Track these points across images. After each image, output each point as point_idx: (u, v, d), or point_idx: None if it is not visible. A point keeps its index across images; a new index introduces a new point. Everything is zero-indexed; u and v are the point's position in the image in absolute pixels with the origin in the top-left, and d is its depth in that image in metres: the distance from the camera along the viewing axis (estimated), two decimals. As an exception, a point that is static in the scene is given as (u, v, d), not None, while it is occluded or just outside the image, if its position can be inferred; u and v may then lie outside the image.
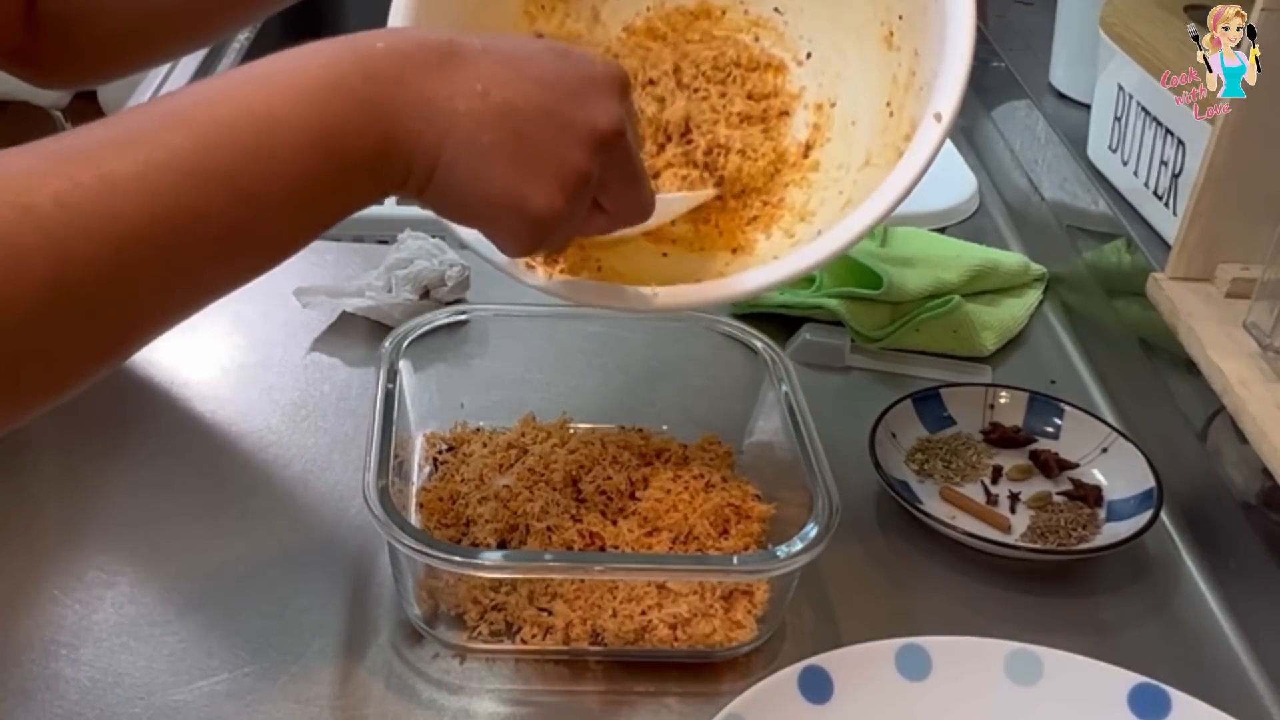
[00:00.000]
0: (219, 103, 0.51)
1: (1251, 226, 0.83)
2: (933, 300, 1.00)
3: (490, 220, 0.59)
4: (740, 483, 0.79)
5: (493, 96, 0.55)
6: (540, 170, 0.57)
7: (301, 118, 0.51)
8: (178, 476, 0.83)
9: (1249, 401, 0.75)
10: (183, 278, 0.51)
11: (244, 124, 0.50)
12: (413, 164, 0.55)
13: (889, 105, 0.74)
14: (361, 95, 0.52)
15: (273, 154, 0.50)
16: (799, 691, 0.64)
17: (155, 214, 0.47)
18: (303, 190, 0.52)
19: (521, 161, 0.56)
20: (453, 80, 0.55)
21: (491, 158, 0.56)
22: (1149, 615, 0.79)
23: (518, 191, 0.56)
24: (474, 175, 0.56)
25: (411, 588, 0.72)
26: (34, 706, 0.67)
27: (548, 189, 0.57)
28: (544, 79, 0.57)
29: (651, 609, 0.70)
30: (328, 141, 0.52)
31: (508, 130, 0.55)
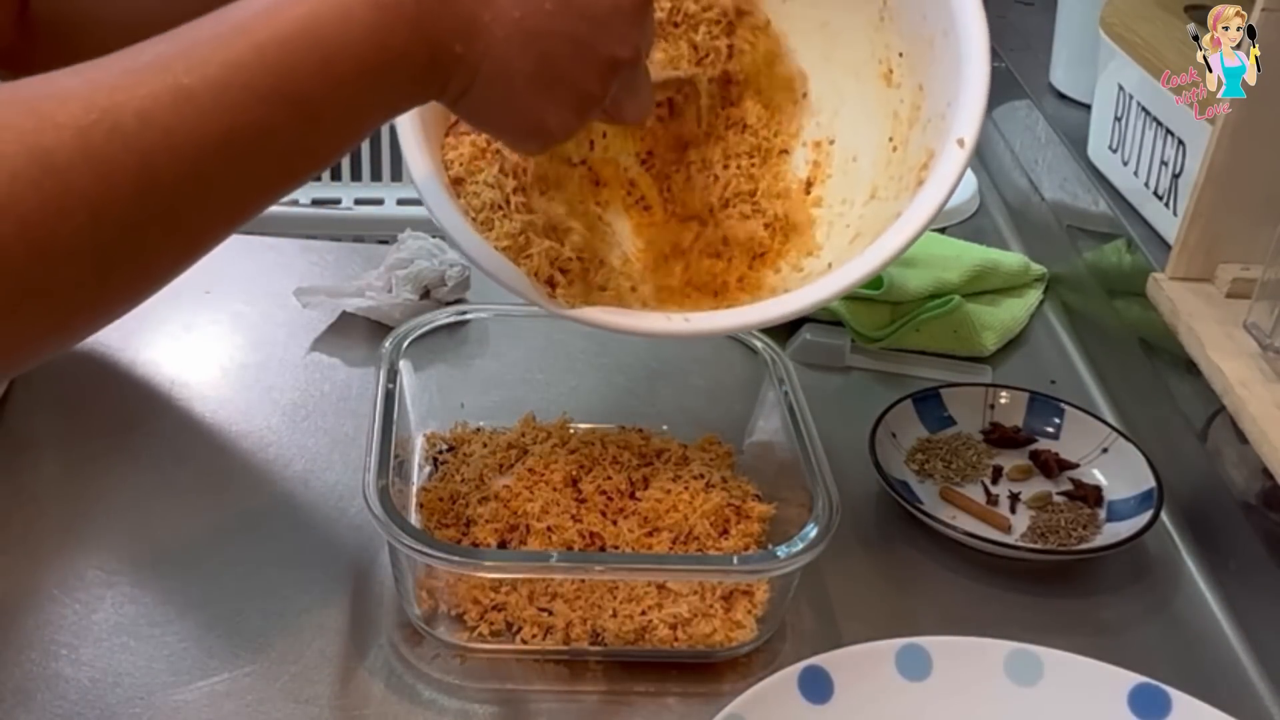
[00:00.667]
0: (281, 18, 0.53)
1: (1252, 226, 0.83)
2: (933, 300, 1.00)
3: (508, 134, 0.64)
4: (740, 483, 0.80)
5: (526, 23, 0.58)
6: (561, 95, 0.61)
7: (358, 41, 0.53)
8: (178, 476, 0.83)
9: (1249, 401, 0.75)
10: (252, 186, 0.54)
11: (306, 45, 0.52)
12: (449, 81, 0.58)
13: (891, 140, 0.76)
14: (411, 16, 0.55)
15: (334, 77, 0.53)
16: (799, 691, 0.64)
17: (230, 130, 0.50)
18: (358, 106, 0.55)
19: (545, 86, 0.60)
20: (495, 2, 0.57)
21: (520, 82, 0.59)
22: (1149, 615, 0.79)
23: (538, 113, 0.61)
24: (502, 96, 0.59)
25: (411, 588, 0.72)
26: (34, 706, 0.66)
27: (564, 113, 0.62)
28: (574, 3, 0.59)
29: (652, 609, 0.70)
30: (382, 63, 0.54)
31: (536, 54, 0.59)
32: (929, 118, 0.72)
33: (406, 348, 0.82)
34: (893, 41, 0.75)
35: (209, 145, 0.50)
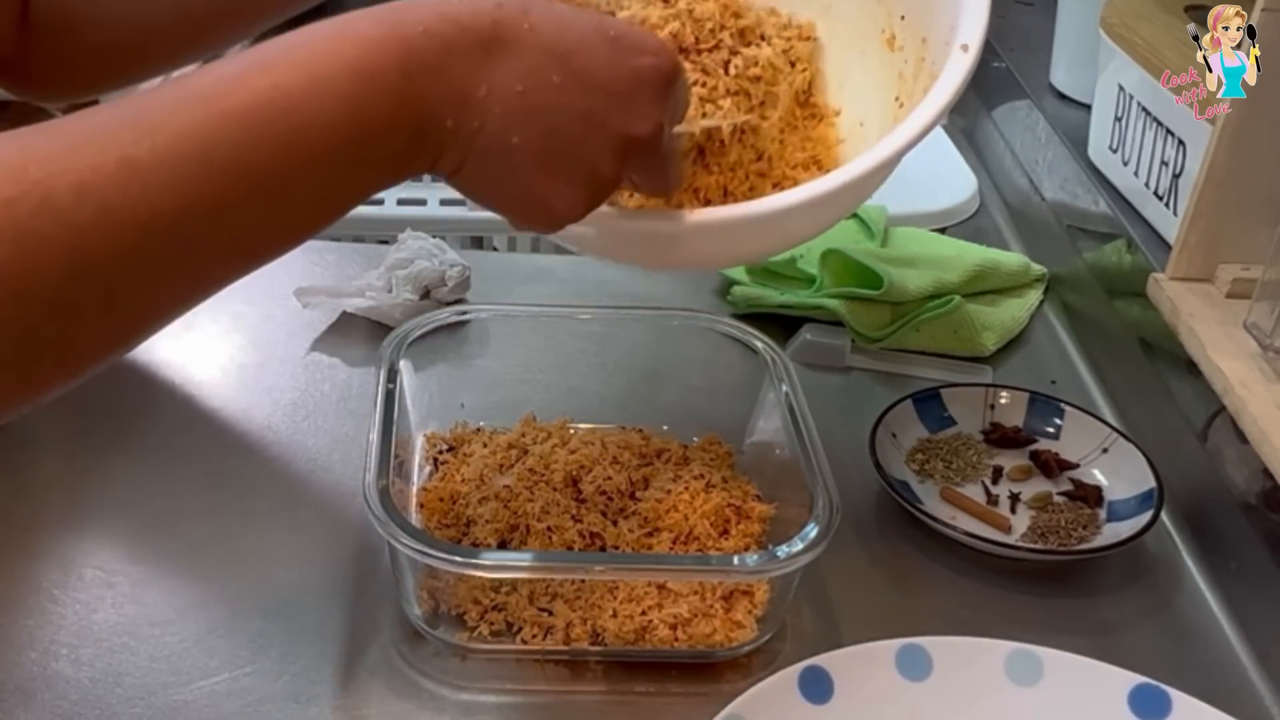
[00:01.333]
0: (246, 88, 0.48)
1: (1252, 227, 0.83)
2: (933, 300, 1.00)
3: (509, 213, 0.59)
4: (740, 483, 0.80)
5: (530, 96, 0.54)
6: (567, 175, 0.56)
7: (334, 111, 0.49)
8: (178, 476, 0.83)
9: (1249, 402, 0.75)
10: (204, 268, 0.50)
11: (272, 115, 0.48)
12: (440, 156, 0.54)
13: (898, 99, 0.75)
14: (396, 89, 0.51)
15: (303, 151, 0.49)
16: (799, 691, 0.64)
17: (179, 206, 0.46)
18: (332, 183, 0.51)
19: (549, 165, 0.56)
20: (492, 74, 0.53)
21: (519, 159, 0.55)
22: (1149, 615, 0.79)
23: (541, 194, 0.56)
24: (500, 173, 0.55)
25: (411, 588, 0.72)
26: (34, 706, 0.67)
27: (571, 195, 0.57)
28: (587, 75, 0.55)
29: (652, 609, 0.70)
30: (360, 136, 0.51)
31: (540, 130, 0.55)
32: (933, 60, 0.72)
33: (406, 348, 0.82)
34: (894, 7, 0.75)
35: (155, 223, 0.45)
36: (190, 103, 0.47)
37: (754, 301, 1.01)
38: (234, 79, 0.48)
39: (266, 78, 0.49)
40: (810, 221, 0.71)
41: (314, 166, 0.50)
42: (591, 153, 0.56)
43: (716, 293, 1.05)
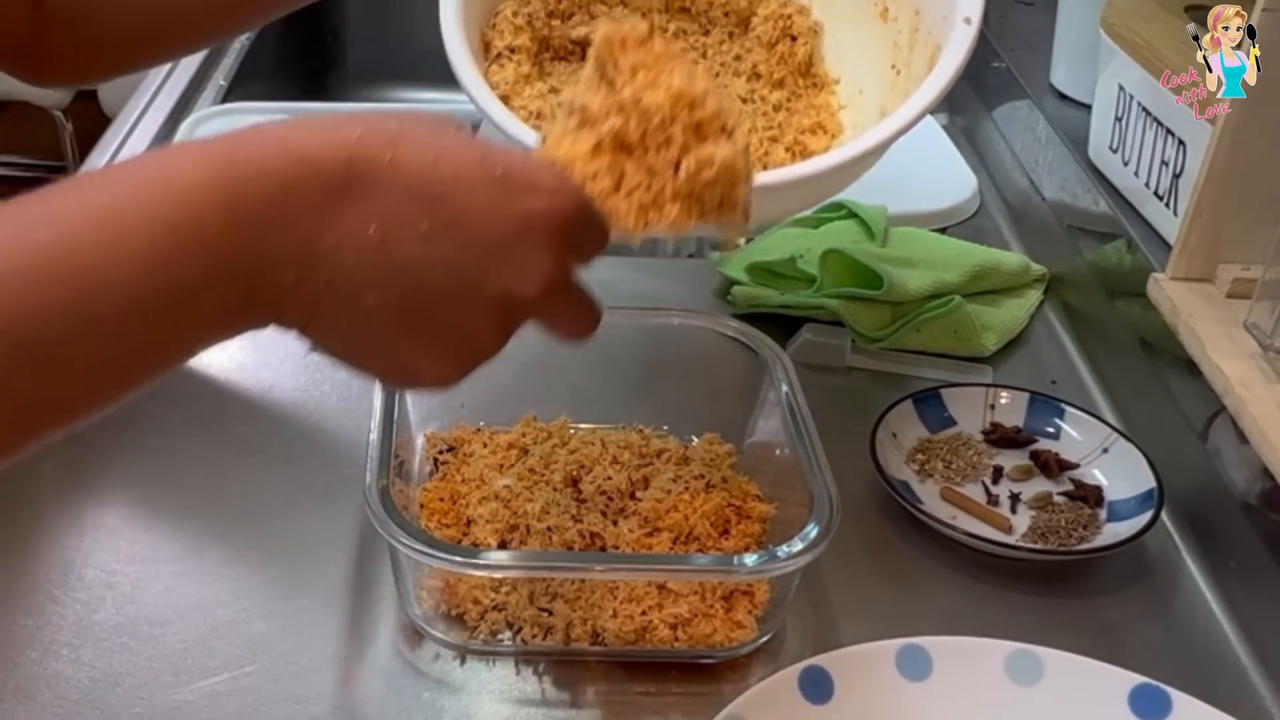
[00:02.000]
0: (27, 243, 0.42)
1: (1252, 227, 0.83)
2: (933, 300, 1.00)
3: (367, 375, 0.52)
4: (740, 483, 0.80)
5: (390, 249, 0.46)
6: (435, 343, 0.49)
7: (129, 272, 0.43)
8: (178, 476, 0.83)
9: (1250, 402, 0.75)
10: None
11: (49, 279, 0.42)
12: (281, 313, 0.47)
13: (894, 67, 0.79)
14: (215, 243, 0.44)
15: (89, 315, 0.42)
16: (799, 691, 0.64)
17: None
18: (131, 350, 0.45)
19: (413, 330, 0.48)
20: (342, 221, 0.46)
21: (377, 321, 0.48)
22: (1149, 615, 0.79)
23: (405, 360, 0.50)
24: (355, 335, 0.48)
25: (411, 588, 0.72)
26: (34, 706, 0.67)
27: (441, 367, 0.50)
28: (461, 222, 0.47)
29: (652, 609, 0.70)
30: (163, 303, 0.44)
31: (401, 289, 0.47)
32: (929, 30, 0.77)
33: (407, 348, 0.82)
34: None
35: None
36: None
37: (754, 301, 1.01)
38: (16, 235, 0.42)
39: (48, 229, 0.42)
40: (852, 175, 0.77)
41: (102, 333, 0.43)
42: (464, 318, 0.49)
43: (716, 293, 1.05)
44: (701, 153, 0.56)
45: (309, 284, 0.46)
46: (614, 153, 0.55)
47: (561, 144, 0.56)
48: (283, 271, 0.46)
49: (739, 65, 0.84)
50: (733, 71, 0.84)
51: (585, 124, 0.55)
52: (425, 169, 0.47)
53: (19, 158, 2.92)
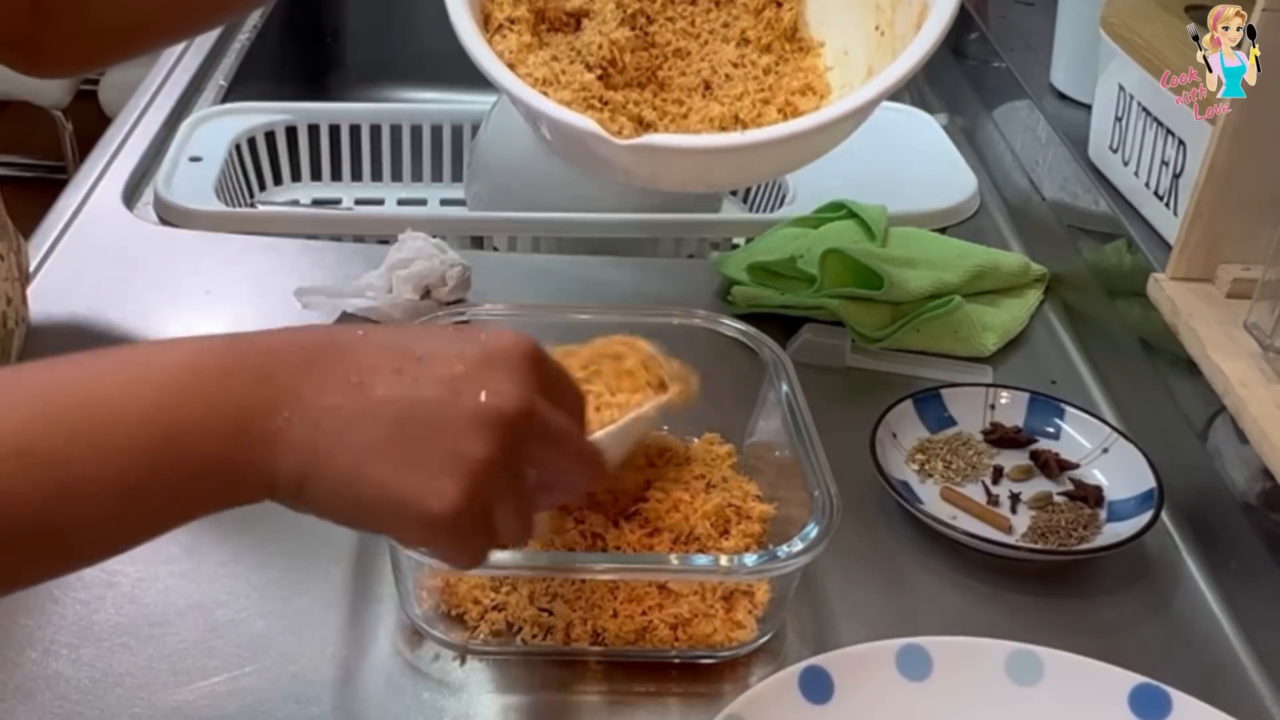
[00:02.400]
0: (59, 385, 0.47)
1: (1252, 227, 0.83)
2: (933, 300, 1.00)
3: (386, 526, 0.54)
4: (740, 483, 0.79)
5: (368, 387, 0.50)
6: (428, 466, 0.50)
7: (140, 410, 0.47)
8: (178, 476, 0.83)
9: (1250, 402, 0.75)
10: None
11: (76, 407, 0.47)
12: (276, 468, 0.50)
13: (878, 29, 0.83)
14: (212, 393, 0.48)
15: (99, 443, 0.46)
16: (799, 691, 0.64)
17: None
18: (133, 488, 0.47)
19: (404, 458, 0.50)
20: (325, 374, 0.50)
21: (368, 456, 0.50)
22: (1149, 616, 0.79)
23: (405, 491, 0.51)
24: (351, 477, 0.50)
25: (411, 588, 0.72)
26: (34, 706, 0.67)
27: (440, 486, 0.50)
28: (430, 359, 0.52)
29: (652, 610, 0.70)
30: (168, 439, 0.47)
31: (385, 422, 0.50)
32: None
33: (407, 348, 0.82)
34: None
35: None
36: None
37: (754, 301, 1.01)
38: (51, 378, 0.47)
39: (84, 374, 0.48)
40: (849, 129, 0.81)
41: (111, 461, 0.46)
42: (451, 435, 0.51)
43: (717, 293, 1.05)
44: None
45: (297, 430, 0.49)
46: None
47: None
48: (270, 420, 0.49)
49: (727, 32, 0.87)
50: (721, 38, 0.86)
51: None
52: (394, 334, 0.54)
53: (19, 158, 2.92)
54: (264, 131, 1.28)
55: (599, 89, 0.80)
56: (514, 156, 1.18)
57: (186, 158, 1.18)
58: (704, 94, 0.83)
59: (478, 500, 0.51)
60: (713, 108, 0.82)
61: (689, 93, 0.84)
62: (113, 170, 1.17)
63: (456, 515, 0.51)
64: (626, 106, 0.80)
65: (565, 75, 0.80)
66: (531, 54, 0.83)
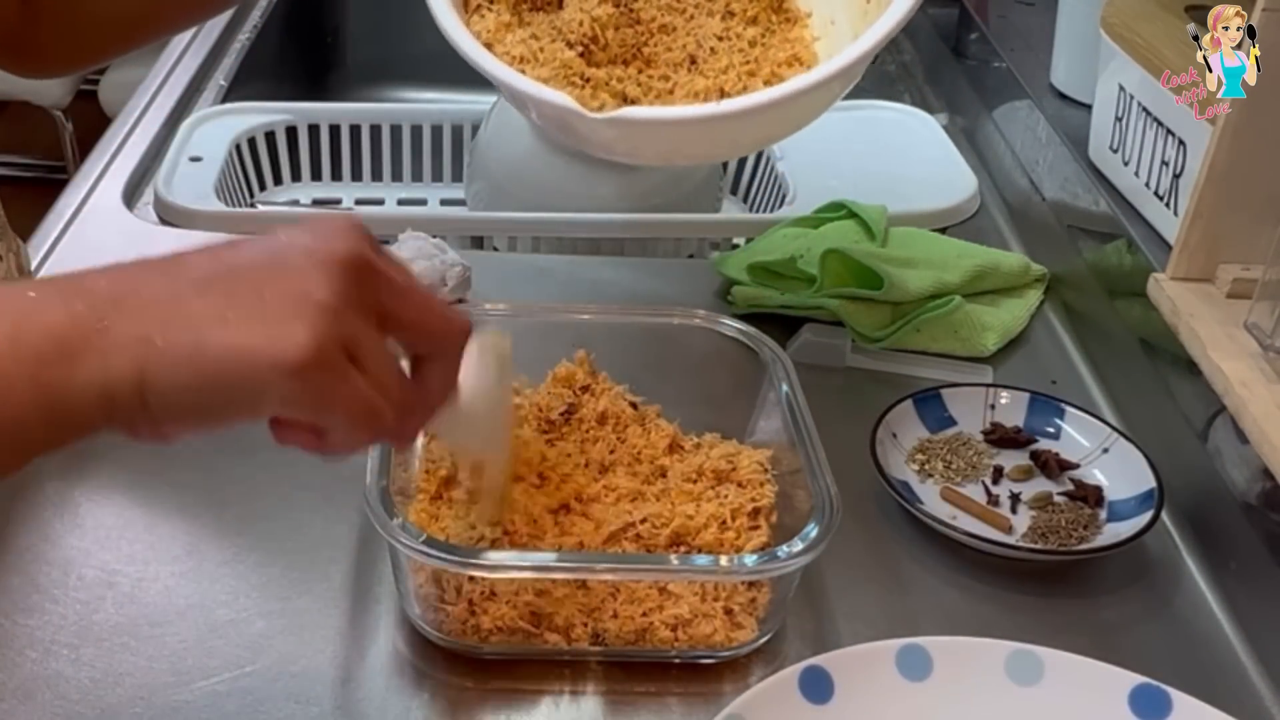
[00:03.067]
0: None
1: (1252, 227, 0.83)
2: (933, 300, 1.00)
3: (243, 400, 0.49)
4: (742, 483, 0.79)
5: (189, 270, 0.48)
6: (269, 318, 0.48)
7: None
8: (178, 476, 0.83)
9: (1250, 402, 0.75)
10: None
11: None
12: (108, 374, 0.46)
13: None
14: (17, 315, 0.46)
15: None
16: (799, 691, 0.64)
17: None
18: None
19: (242, 318, 0.47)
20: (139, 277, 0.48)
21: (205, 326, 0.47)
22: (1150, 616, 0.79)
23: (252, 348, 0.47)
24: (191, 354, 0.47)
25: (411, 588, 0.72)
26: (34, 706, 0.67)
27: (287, 330, 0.47)
28: (247, 241, 0.51)
29: (653, 611, 0.70)
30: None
31: (215, 291, 0.48)
32: None
33: (407, 348, 0.82)
34: None
35: None
36: None
37: (754, 301, 1.01)
38: None
39: None
40: (828, 97, 0.81)
41: None
42: (286, 282, 0.48)
43: (717, 293, 1.05)
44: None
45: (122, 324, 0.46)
46: None
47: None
48: (90, 323, 0.46)
49: (712, 6, 0.87)
50: (706, 12, 0.86)
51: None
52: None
53: (19, 158, 2.92)
54: (264, 131, 1.28)
55: (580, 65, 0.80)
56: (514, 156, 1.18)
57: (186, 158, 1.18)
58: (689, 69, 0.83)
59: (331, 338, 0.48)
60: (697, 81, 0.82)
61: (674, 68, 0.83)
62: (113, 170, 1.17)
63: (314, 356, 0.48)
64: (609, 83, 0.80)
65: (544, 53, 0.80)
66: (510, 33, 0.83)
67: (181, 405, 0.49)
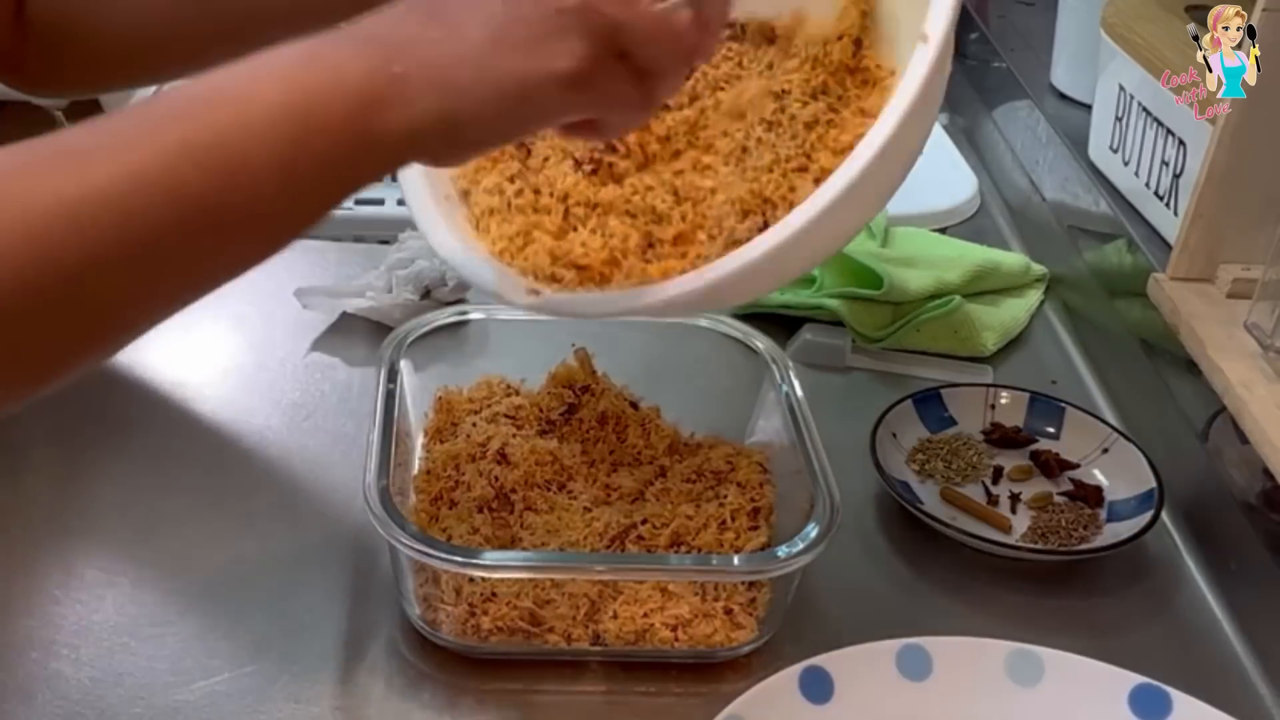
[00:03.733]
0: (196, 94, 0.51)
1: (1252, 227, 0.83)
2: (934, 300, 1.00)
3: (537, 110, 0.55)
4: (742, 481, 0.79)
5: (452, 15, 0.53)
6: (545, 38, 0.53)
7: (272, 94, 0.50)
8: (179, 476, 0.83)
9: (1250, 402, 0.75)
10: (170, 265, 0.50)
11: (217, 105, 0.50)
12: (413, 113, 0.52)
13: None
14: (331, 63, 0.52)
15: (246, 127, 0.49)
16: (799, 691, 0.64)
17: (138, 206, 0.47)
18: (286, 164, 0.50)
19: (521, 42, 0.53)
20: (417, 23, 0.53)
21: (490, 57, 0.53)
22: (1150, 615, 0.79)
23: (537, 65, 0.53)
24: (485, 82, 0.53)
25: (411, 588, 0.72)
26: (35, 706, 0.67)
27: (563, 44, 0.53)
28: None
29: (653, 611, 0.70)
30: (306, 112, 0.50)
31: (489, 26, 0.53)
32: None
33: (406, 348, 0.82)
34: None
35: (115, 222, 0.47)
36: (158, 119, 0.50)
37: (754, 301, 1.01)
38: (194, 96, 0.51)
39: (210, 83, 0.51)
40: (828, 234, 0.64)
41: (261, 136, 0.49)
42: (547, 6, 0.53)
43: (717, 293, 1.05)
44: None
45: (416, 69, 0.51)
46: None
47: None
48: (388, 68, 0.51)
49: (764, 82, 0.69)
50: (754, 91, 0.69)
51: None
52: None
53: (19, 158, 2.92)
54: (264, 131, 1.28)
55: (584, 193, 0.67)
56: (514, 156, 1.18)
57: (186, 158, 1.18)
58: (738, 160, 0.66)
59: (598, 34, 0.53)
60: (735, 187, 0.65)
61: (724, 158, 0.67)
62: (113, 170, 1.17)
63: (589, 60, 0.53)
64: (632, 199, 0.66)
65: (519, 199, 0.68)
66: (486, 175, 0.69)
67: (480, 134, 0.55)
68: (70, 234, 0.46)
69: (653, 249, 0.66)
